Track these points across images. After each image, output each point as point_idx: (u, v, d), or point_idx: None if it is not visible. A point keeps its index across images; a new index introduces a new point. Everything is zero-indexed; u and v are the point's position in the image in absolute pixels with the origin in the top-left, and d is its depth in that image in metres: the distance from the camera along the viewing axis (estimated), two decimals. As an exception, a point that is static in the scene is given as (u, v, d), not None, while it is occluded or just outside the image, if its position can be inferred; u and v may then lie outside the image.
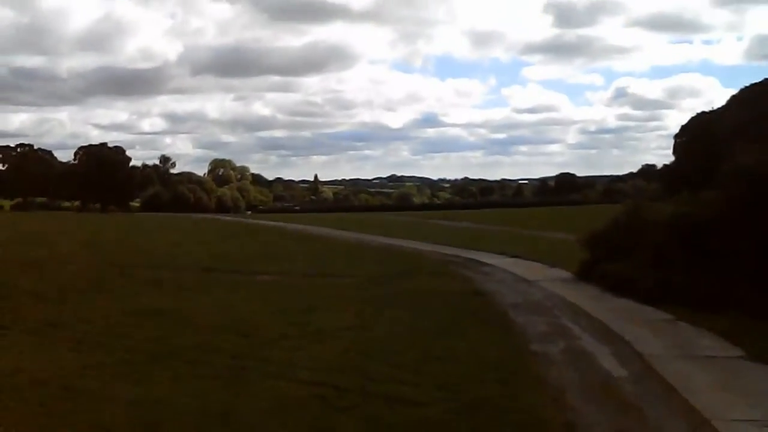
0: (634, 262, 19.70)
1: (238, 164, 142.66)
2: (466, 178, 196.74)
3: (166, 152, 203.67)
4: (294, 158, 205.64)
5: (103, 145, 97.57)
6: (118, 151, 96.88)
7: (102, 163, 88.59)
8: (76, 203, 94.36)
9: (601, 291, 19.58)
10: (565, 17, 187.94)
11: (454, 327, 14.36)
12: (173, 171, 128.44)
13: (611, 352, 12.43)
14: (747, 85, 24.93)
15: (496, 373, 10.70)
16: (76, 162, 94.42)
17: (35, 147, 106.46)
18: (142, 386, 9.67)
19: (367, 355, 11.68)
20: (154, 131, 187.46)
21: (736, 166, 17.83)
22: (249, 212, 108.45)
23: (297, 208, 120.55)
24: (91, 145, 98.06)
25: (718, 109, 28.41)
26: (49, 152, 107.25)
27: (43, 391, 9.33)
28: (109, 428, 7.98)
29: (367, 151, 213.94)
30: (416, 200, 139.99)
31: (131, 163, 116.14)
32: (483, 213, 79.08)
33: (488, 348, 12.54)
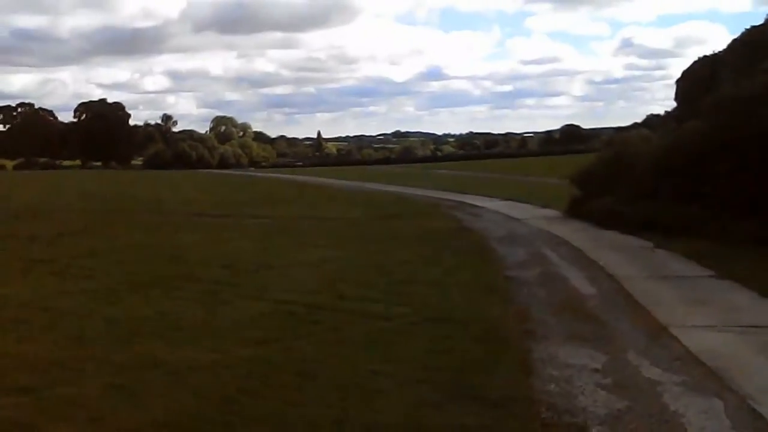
0: (619, 196, 19.88)
1: (241, 122, 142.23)
2: (471, 132, 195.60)
3: (170, 111, 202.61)
4: (298, 116, 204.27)
5: (103, 101, 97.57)
6: (118, 107, 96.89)
7: (101, 120, 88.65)
8: (78, 162, 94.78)
9: (588, 225, 19.77)
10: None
11: (434, 257, 14.62)
12: (175, 129, 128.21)
13: (585, 276, 12.67)
14: (749, 27, 24.45)
15: (465, 294, 10.98)
16: (76, 120, 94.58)
17: (36, 107, 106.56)
18: (118, 307, 10.01)
19: (343, 280, 11.97)
20: (156, 90, 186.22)
21: (718, 96, 17.83)
22: (252, 168, 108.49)
23: (299, 163, 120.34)
24: (90, 101, 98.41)
25: (720, 52, 28.00)
26: (51, 112, 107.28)
27: (24, 309, 9.68)
28: (83, 338, 8.30)
29: (371, 107, 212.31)
30: (419, 154, 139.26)
31: (133, 122, 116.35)
32: (483, 163, 78.82)
33: (463, 273, 12.83)
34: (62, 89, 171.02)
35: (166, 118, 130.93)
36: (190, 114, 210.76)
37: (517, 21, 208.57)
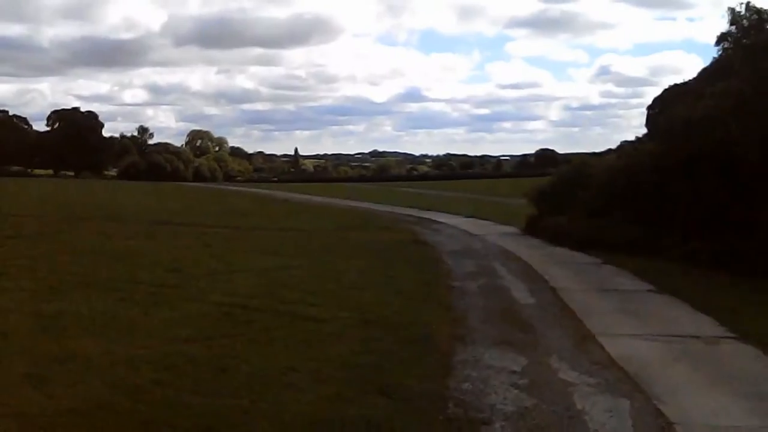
0: (574, 214, 20.18)
1: (218, 136, 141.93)
2: (448, 154, 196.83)
3: (149, 124, 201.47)
4: (276, 133, 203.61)
5: (76, 110, 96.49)
6: (91, 116, 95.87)
7: (74, 129, 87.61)
8: (50, 171, 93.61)
9: (542, 242, 20.05)
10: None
11: (384, 267, 14.70)
12: (151, 142, 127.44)
13: (527, 288, 12.85)
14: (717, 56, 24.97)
15: (406, 301, 11.09)
16: (49, 129, 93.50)
17: (11, 114, 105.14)
18: (54, 304, 9.93)
19: (286, 285, 12.02)
20: (136, 103, 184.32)
21: (669, 118, 18.25)
22: (226, 182, 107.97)
23: (275, 179, 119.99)
24: (63, 110, 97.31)
25: (690, 80, 28.56)
26: (25, 120, 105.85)
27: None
28: (9, 332, 8.24)
29: (349, 126, 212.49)
30: (394, 172, 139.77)
31: (110, 134, 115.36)
32: (457, 183, 79.32)
33: (409, 282, 12.92)
34: (41, 99, 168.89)
35: (142, 130, 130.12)
36: (169, 127, 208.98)
37: (497, 45, 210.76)
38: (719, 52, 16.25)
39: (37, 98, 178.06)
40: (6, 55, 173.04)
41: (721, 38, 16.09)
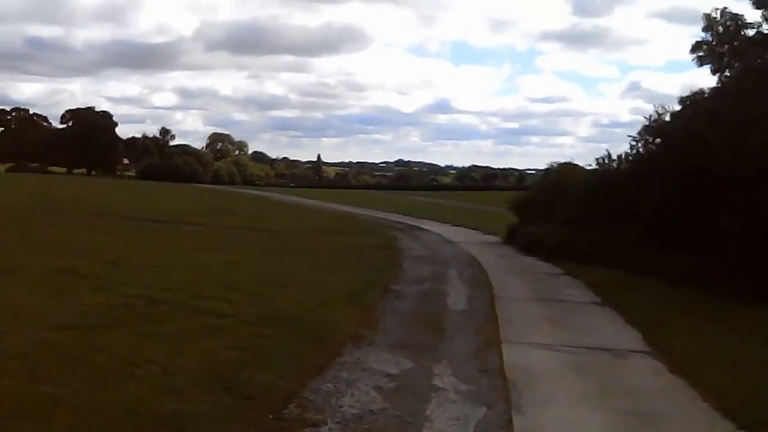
0: (552, 223, 19.69)
1: (238, 140, 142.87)
2: (473, 165, 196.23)
3: (177, 128, 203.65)
4: (304, 139, 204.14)
5: (90, 109, 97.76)
6: (105, 115, 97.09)
7: (87, 128, 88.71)
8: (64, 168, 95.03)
9: (516, 251, 19.61)
10: (582, 5, 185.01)
11: (333, 268, 14.40)
12: (172, 143, 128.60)
13: (468, 294, 12.44)
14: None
15: (329, 300, 10.73)
16: (64, 127, 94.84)
17: (31, 112, 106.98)
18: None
19: (215, 282, 11.74)
20: (165, 106, 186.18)
21: (648, 129, 17.65)
22: (244, 186, 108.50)
23: (292, 184, 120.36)
24: (78, 109, 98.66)
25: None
26: (45, 118, 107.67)
27: None
28: None
29: (377, 135, 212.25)
30: (413, 182, 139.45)
31: (132, 135, 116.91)
32: (474, 194, 78.73)
33: (349, 283, 12.57)
34: (71, 100, 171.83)
35: (164, 131, 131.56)
36: (197, 131, 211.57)
37: (528, 59, 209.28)
38: (694, 61, 15.69)
39: (67, 99, 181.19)
40: (40, 56, 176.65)
41: (696, 47, 15.56)
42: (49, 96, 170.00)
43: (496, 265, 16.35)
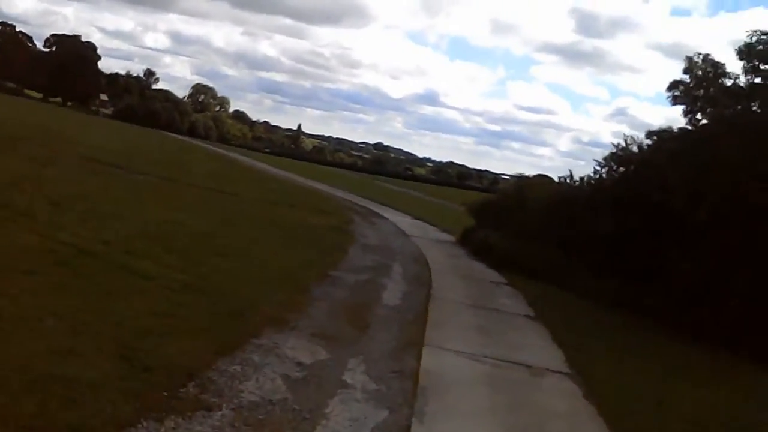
0: (506, 232, 19.78)
1: (232, 101, 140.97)
2: (450, 161, 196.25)
3: (163, 71, 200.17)
4: (288, 106, 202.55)
5: (76, 37, 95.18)
6: (89, 46, 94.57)
7: (69, 56, 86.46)
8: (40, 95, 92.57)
9: (466, 253, 19.65)
10: (586, 25, 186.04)
11: (280, 244, 14.26)
12: (155, 87, 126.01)
13: (405, 291, 12.40)
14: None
15: (265, 277, 10.63)
16: (47, 51, 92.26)
17: (17, 29, 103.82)
18: None
19: (153, 239, 11.51)
20: (156, 48, 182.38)
21: (611, 156, 17.78)
22: (218, 143, 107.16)
23: (267, 150, 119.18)
24: (64, 35, 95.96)
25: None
26: (30, 38, 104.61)
27: None
28: None
29: (361, 115, 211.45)
30: (387, 168, 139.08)
31: (116, 71, 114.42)
32: (445, 190, 78.67)
33: (289, 262, 12.46)
34: (63, 23, 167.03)
35: (149, 73, 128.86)
36: (183, 78, 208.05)
37: (523, 66, 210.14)
38: (669, 99, 15.78)
39: (59, 21, 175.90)
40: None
41: (673, 85, 15.65)
42: (41, 15, 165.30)
43: (442, 264, 16.37)
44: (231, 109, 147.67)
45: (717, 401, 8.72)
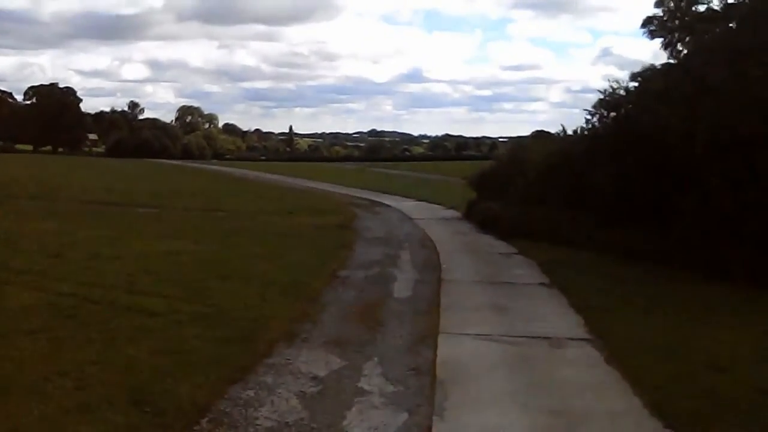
0: (510, 200, 19.56)
1: (221, 115, 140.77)
2: (446, 135, 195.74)
3: (147, 101, 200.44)
4: (276, 110, 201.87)
5: (53, 85, 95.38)
6: (68, 92, 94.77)
7: (50, 105, 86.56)
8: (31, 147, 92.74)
9: (473, 228, 19.49)
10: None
11: (284, 254, 14.13)
12: (141, 117, 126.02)
13: (415, 279, 12.26)
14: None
15: (272, 292, 10.50)
16: (29, 103, 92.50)
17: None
18: None
19: (155, 273, 11.42)
20: (135, 79, 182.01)
21: (599, 102, 17.48)
22: (214, 160, 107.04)
23: (263, 157, 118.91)
24: (41, 85, 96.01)
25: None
26: (10, 93, 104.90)
27: None
28: None
29: (349, 105, 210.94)
30: (384, 153, 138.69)
31: (101, 109, 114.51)
32: (446, 164, 78.24)
33: (295, 271, 12.31)
34: (40, 74, 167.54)
35: (133, 105, 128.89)
36: (168, 103, 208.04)
37: (500, 26, 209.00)
38: (645, 35, 15.51)
39: (36, 72, 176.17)
40: (7, 28, 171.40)
41: (647, 21, 15.39)
42: (18, 70, 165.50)
43: (449, 244, 16.22)
44: (220, 124, 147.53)
45: (744, 343, 8.51)
